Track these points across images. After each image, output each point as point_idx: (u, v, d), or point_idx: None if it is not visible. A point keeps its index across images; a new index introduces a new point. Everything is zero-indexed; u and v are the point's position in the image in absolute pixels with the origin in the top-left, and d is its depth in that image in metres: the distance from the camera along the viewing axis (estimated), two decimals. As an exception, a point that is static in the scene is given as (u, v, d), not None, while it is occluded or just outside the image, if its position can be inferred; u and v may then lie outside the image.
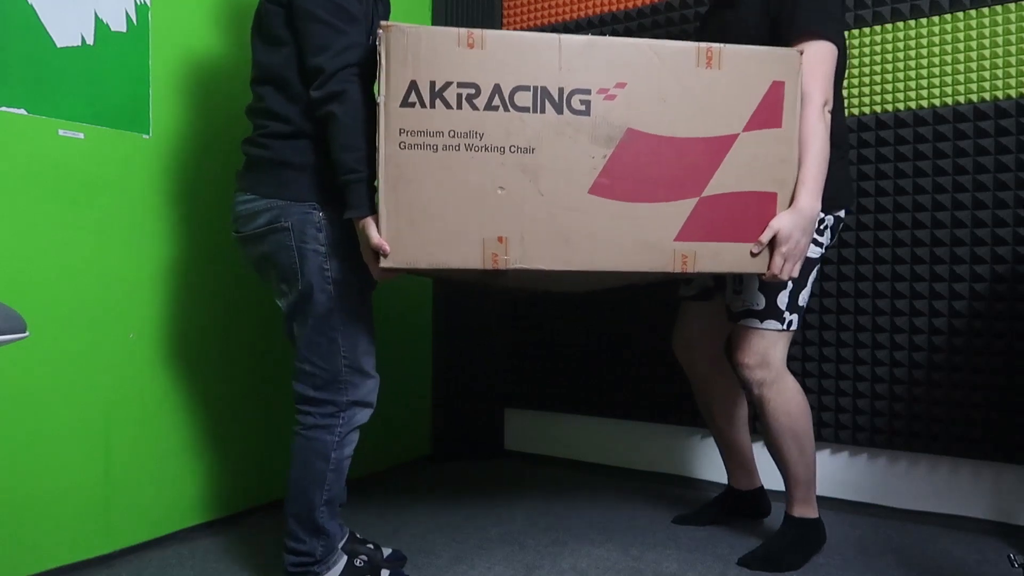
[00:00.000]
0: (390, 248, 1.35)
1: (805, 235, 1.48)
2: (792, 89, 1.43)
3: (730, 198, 1.43)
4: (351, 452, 1.59)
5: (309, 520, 1.54)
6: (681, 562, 1.83)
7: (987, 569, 1.78)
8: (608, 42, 1.39)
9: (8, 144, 1.59)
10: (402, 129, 1.33)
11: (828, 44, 1.59)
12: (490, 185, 1.36)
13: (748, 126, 1.42)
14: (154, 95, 1.86)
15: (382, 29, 1.32)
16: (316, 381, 1.53)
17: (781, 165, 1.45)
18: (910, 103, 2.12)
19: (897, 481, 2.19)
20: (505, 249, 1.37)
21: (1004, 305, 2.01)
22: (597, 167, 1.38)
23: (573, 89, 1.37)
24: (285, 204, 1.49)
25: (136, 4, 1.82)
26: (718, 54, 1.40)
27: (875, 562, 1.83)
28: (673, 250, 1.42)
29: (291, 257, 1.50)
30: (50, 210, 1.66)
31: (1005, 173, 2.00)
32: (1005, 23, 1.99)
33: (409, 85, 1.33)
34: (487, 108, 1.35)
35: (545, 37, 1.38)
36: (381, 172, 1.34)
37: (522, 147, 1.36)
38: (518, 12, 2.84)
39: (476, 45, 1.34)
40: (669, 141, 1.40)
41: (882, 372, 2.16)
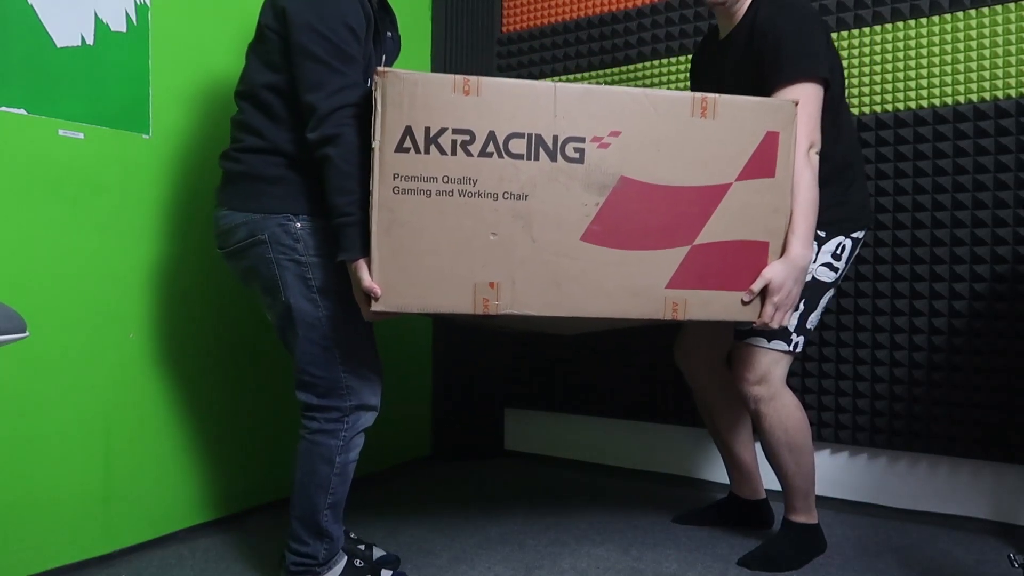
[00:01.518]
0: (381, 291, 1.35)
1: (797, 284, 1.49)
2: (786, 140, 1.44)
3: (722, 247, 1.44)
4: (356, 456, 1.59)
5: (313, 523, 1.55)
6: (681, 562, 1.83)
7: (987, 569, 1.78)
8: (604, 91, 1.40)
9: (8, 144, 1.59)
10: (396, 174, 1.34)
11: (811, 85, 1.60)
12: (483, 231, 1.36)
13: (742, 175, 1.43)
14: (154, 95, 1.86)
15: (378, 75, 1.33)
16: (318, 390, 1.53)
17: (774, 215, 1.46)
18: (910, 103, 2.12)
19: (897, 481, 2.19)
20: (496, 294, 1.37)
21: (1004, 305, 2.01)
22: (590, 214, 1.39)
23: (567, 137, 1.38)
24: (261, 217, 1.49)
25: (136, 4, 1.82)
26: (713, 104, 1.41)
27: (875, 562, 1.83)
28: (664, 297, 1.43)
29: (271, 269, 1.50)
30: (50, 210, 1.66)
31: (1005, 173, 2.00)
32: (1005, 23, 1.99)
33: (404, 131, 1.34)
34: (481, 155, 1.35)
35: (540, 85, 1.39)
36: (374, 216, 1.34)
37: (515, 194, 1.37)
38: (518, 12, 2.84)
39: (472, 92, 1.35)
40: (662, 189, 1.41)
41: (882, 372, 2.16)
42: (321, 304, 1.50)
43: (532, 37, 2.79)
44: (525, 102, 1.37)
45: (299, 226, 1.49)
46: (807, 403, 2.23)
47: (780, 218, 1.47)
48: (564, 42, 2.73)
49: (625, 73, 2.60)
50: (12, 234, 1.60)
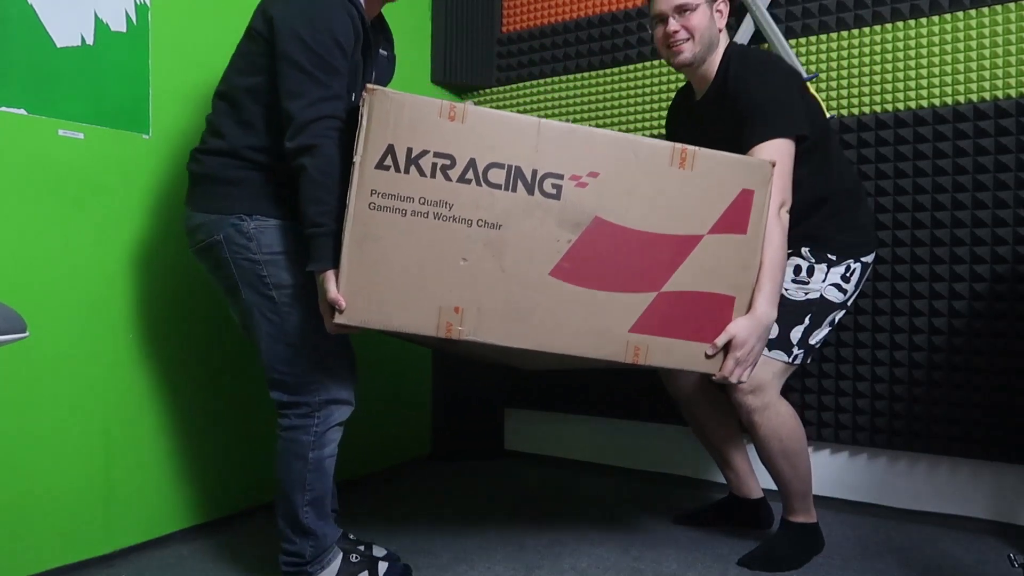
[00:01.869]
0: (346, 305, 1.35)
1: (760, 341, 1.51)
2: (760, 198, 1.46)
3: (688, 296, 1.45)
4: (333, 451, 1.59)
5: (295, 521, 1.55)
6: (681, 562, 1.83)
7: (987, 569, 1.78)
8: (587, 132, 1.41)
9: (8, 144, 1.59)
10: (374, 190, 1.34)
11: (783, 142, 1.62)
12: (454, 255, 1.37)
13: (714, 229, 1.45)
14: (154, 95, 1.86)
15: (367, 92, 1.33)
16: (287, 387, 1.54)
17: (742, 271, 1.47)
18: (910, 103, 2.12)
19: (897, 481, 2.19)
20: (460, 320, 1.38)
21: (1004, 305, 2.01)
22: (561, 250, 1.40)
23: (546, 172, 1.39)
24: (217, 218, 1.50)
25: (136, 4, 1.82)
26: (692, 156, 1.43)
27: (875, 562, 1.83)
28: (627, 341, 1.43)
29: (227, 269, 1.52)
30: (50, 210, 1.66)
31: (1005, 173, 2.00)
32: (1005, 23, 1.99)
33: (387, 149, 1.34)
34: (460, 180, 1.36)
35: (525, 119, 1.40)
36: (348, 229, 1.35)
37: (490, 222, 1.37)
38: (518, 12, 2.84)
39: (457, 119, 1.36)
40: (635, 234, 1.42)
41: (882, 372, 2.16)
42: (279, 301, 1.51)
43: (532, 37, 2.79)
44: (508, 133, 1.38)
45: (252, 225, 1.50)
46: (807, 403, 2.23)
47: (748, 274, 1.48)
48: (564, 42, 2.73)
49: (625, 73, 2.60)
50: (12, 234, 1.60)
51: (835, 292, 1.79)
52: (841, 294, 1.80)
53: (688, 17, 1.74)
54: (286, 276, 1.51)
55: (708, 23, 1.76)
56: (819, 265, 1.80)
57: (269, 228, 1.51)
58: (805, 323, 1.76)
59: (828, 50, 2.24)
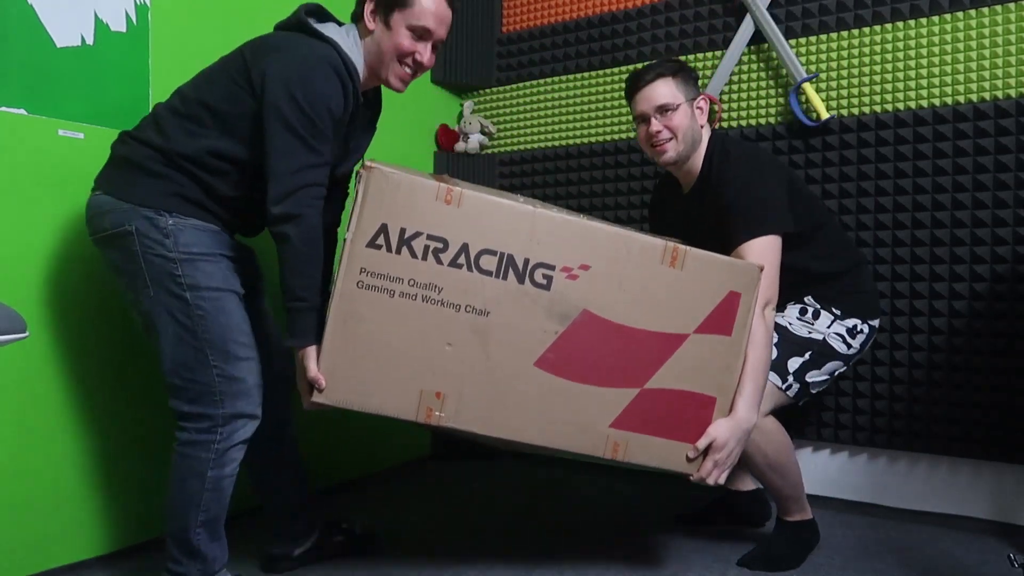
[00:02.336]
0: (325, 383, 1.34)
1: (740, 444, 1.51)
2: (747, 301, 1.47)
3: (671, 395, 1.45)
4: (234, 471, 1.48)
5: (184, 542, 1.45)
6: (681, 562, 1.83)
7: (987, 569, 1.78)
8: (581, 224, 1.41)
9: (8, 144, 1.59)
10: (363, 268, 1.34)
11: (769, 238, 1.63)
12: (439, 340, 1.36)
13: (700, 329, 1.45)
14: (154, 95, 1.86)
15: (365, 170, 1.33)
16: (188, 394, 1.43)
17: (725, 372, 1.48)
18: (910, 103, 2.12)
19: (897, 481, 2.19)
20: (441, 405, 1.37)
21: (1004, 305, 2.01)
22: (547, 341, 1.40)
23: (538, 262, 1.39)
24: (129, 207, 1.42)
25: (136, 4, 1.82)
26: (683, 255, 1.44)
27: (875, 562, 1.83)
28: (606, 436, 1.43)
29: (134, 263, 1.42)
30: (50, 210, 1.66)
31: (1005, 173, 2.00)
32: (1005, 23, 1.99)
33: (379, 228, 1.34)
34: (451, 264, 1.36)
35: (521, 207, 1.39)
36: (333, 306, 1.34)
37: (478, 308, 1.37)
38: (518, 12, 2.84)
39: (453, 202, 1.36)
40: (622, 329, 1.42)
41: (882, 372, 2.16)
42: (193, 303, 1.42)
43: (532, 37, 2.79)
44: (503, 221, 1.38)
45: (170, 222, 1.42)
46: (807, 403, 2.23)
47: (731, 376, 1.48)
48: (564, 42, 2.73)
49: (625, 73, 2.60)
50: (12, 234, 1.60)
51: (839, 342, 1.80)
52: (845, 347, 1.81)
53: (670, 117, 1.76)
54: (202, 278, 1.43)
55: (689, 121, 1.78)
56: (824, 312, 1.82)
57: (188, 227, 1.43)
58: (805, 357, 1.76)
59: (828, 50, 2.24)
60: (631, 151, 2.59)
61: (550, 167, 2.76)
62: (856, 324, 1.82)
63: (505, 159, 2.87)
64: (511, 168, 2.86)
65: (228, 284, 1.48)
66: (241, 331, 1.48)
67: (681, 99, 1.77)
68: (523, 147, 2.83)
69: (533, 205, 1.42)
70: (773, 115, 2.33)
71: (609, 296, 1.41)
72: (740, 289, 1.46)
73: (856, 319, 1.83)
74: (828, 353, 1.79)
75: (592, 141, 2.68)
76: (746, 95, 2.38)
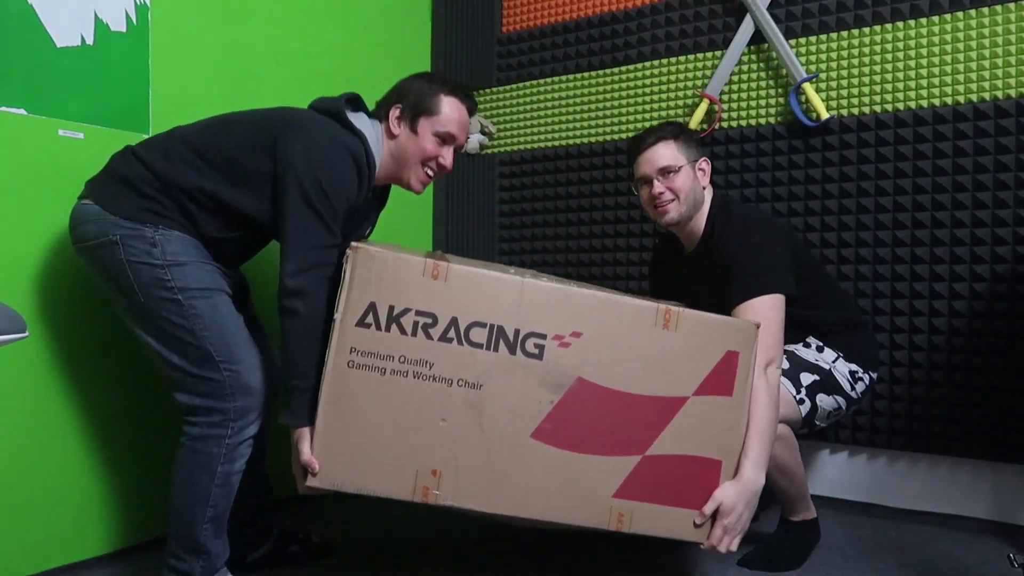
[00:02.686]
0: (319, 467, 1.33)
1: (748, 508, 1.45)
2: (746, 360, 1.43)
3: (674, 460, 1.41)
4: (242, 467, 1.49)
5: (190, 538, 1.45)
6: (682, 562, 1.83)
7: (987, 569, 1.78)
8: (570, 292, 1.39)
9: (8, 144, 1.59)
10: (353, 348, 1.33)
11: (770, 297, 1.62)
12: (432, 416, 1.34)
13: (699, 390, 1.41)
14: (154, 95, 1.86)
15: (351, 250, 1.33)
16: (200, 389, 1.44)
17: (728, 433, 1.43)
18: (910, 103, 2.12)
19: (897, 481, 2.19)
20: (437, 483, 1.35)
21: (1004, 305, 2.01)
22: (543, 412, 1.36)
23: (529, 332, 1.36)
24: (114, 219, 1.43)
25: (136, 4, 1.82)
26: (676, 317, 1.40)
27: (875, 562, 1.83)
28: (610, 507, 1.39)
29: (123, 271, 1.43)
30: (50, 210, 1.66)
31: (1005, 173, 2.00)
32: (1005, 23, 1.99)
33: (368, 306, 1.33)
34: (441, 339, 1.34)
35: (508, 278, 1.37)
36: (324, 387, 1.33)
37: (470, 382, 1.35)
38: (518, 12, 2.84)
39: (440, 277, 1.34)
40: (618, 395, 1.39)
41: (882, 372, 2.16)
42: (186, 303, 1.43)
43: (532, 37, 2.79)
44: (491, 293, 1.36)
45: (156, 234, 1.44)
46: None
47: (734, 437, 1.44)
48: (564, 42, 2.73)
49: (625, 73, 2.60)
50: (12, 234, 1.60)
51: (844, 380, 1.80)
52: (849, 385, 1.80)
53: (672, 179, 1.77)
54: (192, 280, 1.45)
55: (692, 183, 1.79)
56: (828, 349, 1.83)
57: (173, 238, 1.45)
58: (816, 376, 1.77)
59: (828, 50, 2.24)
60: (631, 151, 2.59)
61: (550, 167, 2.76)
62: (858, 371, 1.83)
63: (505, 159, 2.87)
64: (511, 168, 2.86)
65: (218, 284, 1.49)
66: (238, 328, 1.49)
67: (683, 161, 1.78)
68: (523, 147, 2.83)
69: (522, 275, 1.41)
70: (773, 115, 2.33)
71: (604, 362, 1.38)
72: (738, 347, 1.42)
73: (858, 366, 1.83)
74: (834, 384, 1.79)
75: (592, 141, 2.68)
76: (746, 95, 2.38)
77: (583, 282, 1.73)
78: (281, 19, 2.20)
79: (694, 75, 2.47)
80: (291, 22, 2.23)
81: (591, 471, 1.38)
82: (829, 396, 1.78)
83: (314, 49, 2.31)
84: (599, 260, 2.66)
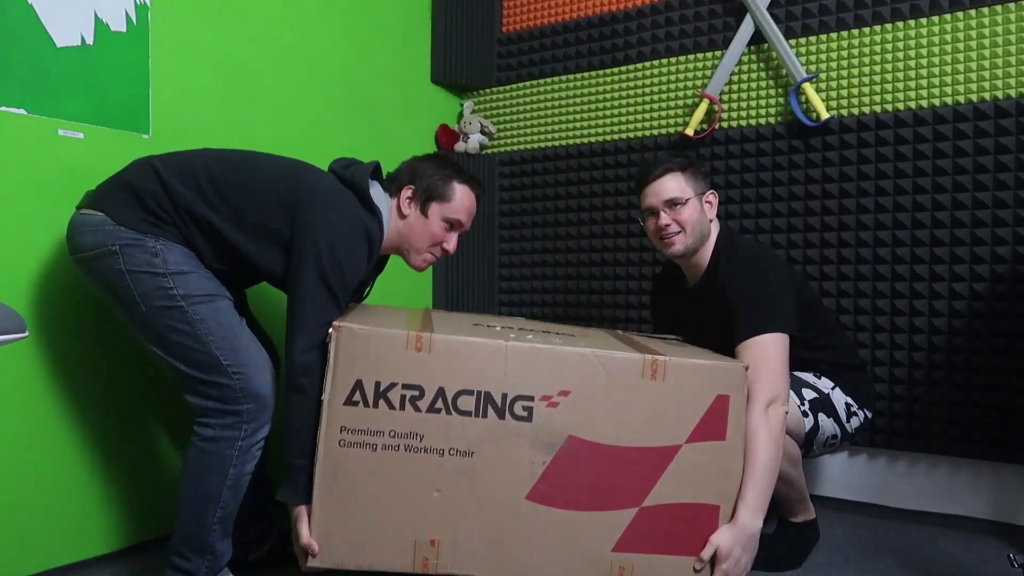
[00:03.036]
0: (319, 548, 1.33)
1: (747, 552, 1.43)
2: (738, 402, 1.42)
3: (671, 509, 1.40)
4: (252, 468, 1.49)
5: (198, 538, 1.45)
6: (681, 562, 1.83)
7: (987, 569, 1.78)
8: (554, 352, 1.39)
9: (8, 144, 1.59)
10: (343, 427, 1.34)
11: (774, 336, 1.60)
12: (427, 487, 1.35)
13: (691, 437, 1.41)
14: (154, 95, 1.86)
15: (334, 330, 1.33)
16: (212, 391, 1.44)
17: (725, 478, 1.42)
18: (910, 103, 2.12)
19: (897, 481, 2.19)
20: (436, 553, 1.36)
21: (1004, 305, 2.01)
22: (536, 473, 1.37)
23: (516, 395, 1.37)
24: (113, 228, 1.42)
25: (136, 4, 1.82)
26: (663, 366, 1.40)
27: (875, 562, 1.83)
28: (611, 561, 1.39)
29: (123, 281, 1.42)
30: (50, 210, 1.66)
31: (1005, 173, 2.00)
32: (1005, 23, 1.99)
33: (355, 384, 1.34)
34: (429, 410, 1.35)
35: (492, 344, 1.37)
36: (318, 468, 1.33)
37: (461, 450, 1.36)
38: (518, 12, 2.84)
39: (423, 349, 1.35)
40: (610, 449, 1.38)
41: (882, 372, 2.16)
42: (189, 310, 1.42)
43: (532, 37, 2.79)
44: (475, 360, 1.36)
45: (158, 244, 1.43)
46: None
47: (731, 481, 1.43)
48: (564, 42, 2.73)
49: (625, 73, 2.60)
50: (12, 234, 1.60)
51: (841, 409, 1.79)
52: (845, 415, 1.79)
53: (679, 211, 1.76)
54: (194, 288, 1.44)
55: (699, 216, 1.78)
56: (826, 378, 1.83)
57: (175, 248, 1.45)
58: (816, 395, 1.76)
59: (828, 50, 2.24)
60: (630, 151, 2.59)
61: (550, 167, 2.76)
62: (853, 405, 1.81)
63: (505, 159, 2.87)
64: (511, 168, 2.86)
65: (220, 291, 1.49)
66: (242, 331, 1.49)
67: (690, 193, 1.77)
68: (523, 147, 2.83)
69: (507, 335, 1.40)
70: (773, 115, 2.33)
71: (593, 418, 1.38)
72: (728, 391, 1.41)
73: (854, 400, 1.82)
74: (831, 408, 1.77)
75: (592, 141, 2.68)
76: (746, 95, 2.38)
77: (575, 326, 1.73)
78: (281, 19, 2.20)
79: (694, 75, 2.47)
80: (291, 22, 2.23)
81: (589, 527, 1.38)
82: (829, 419, 1.77)
83: (314, 49, 2.31)
84: (599, 260, 2.66)
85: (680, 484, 1.40)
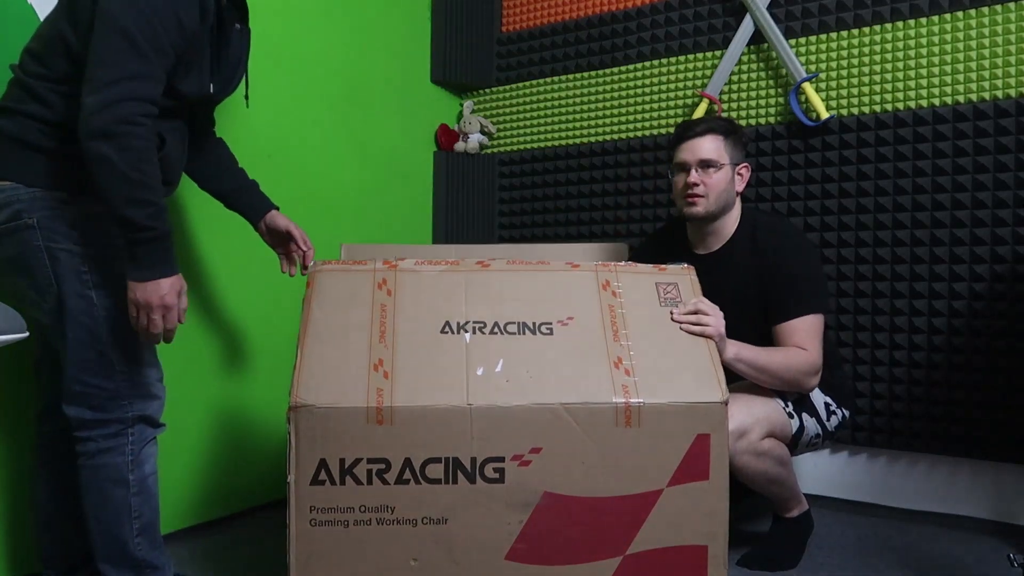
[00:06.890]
0: None
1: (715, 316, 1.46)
2: (719, 441, 1.37)
3: (657, 554, 1.37)
4: (153, 468, 1.41)
5: (124, 558, 1.38)
6: (681, 562, 1.83)
7: (987, 569, 1.78)
8: (521, 410, 1.34)
9: (8, 144, 1.58)
10: (312, 507, 1.32)
11: (815, 317, 1.69)
12: (403, 558, 1.33)
13: (673, 481, 1.36)
14: (154, 95, 1.86)
15: (291, 410, 1.30)
16: (92, 401, 1.34)
17: (710, 518, 1.38)
18: (910, 103, 2.12)
19: (897, 481, 2.19)
20: None
21: (1004, 305, 2.01)
22: (513, 533, 1.34)
23: (486, 458, 1.33)
24: (28, 194, 1.27)
25: (136, 4, 1.81)
26: (637, 412, 1.35)
27: (875, 562, 1.83)
28: None
29: (40, 259, 1.29)
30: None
31: (1005, 173, 2.00)
32: (1005, 23, 1.99)
33: (319, 463, 1.31)
34: (398, 482, 1.32)
35: (455, 409, 1.33)
36: (292, 549, 1.32)
37: (435, 518, 1.33)
38: (518, 12, 2.84)
39: (385, 421, 1.32)
40: (589, 501, 1.35)
41: (882, 372, 2.16)
42: (97, 303, 1.32)
43: (532, 37, 2.79)
44: (439, 426, 1.33)
45: (76, 210, 1.29)
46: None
47: (717, 521, 1.39)
48: (564, 42, 2.73)
49: (625, 73, 2.60)
50: None
51: (821, 408, 1.79)
52: (825, 415, 1.79)
53: (710, 173, 1.75)
54: (108, 275, 1.33)
55: (727, 184, 1.77)
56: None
57: (92, 216, 1.30)
58: (799, 394, 1.75)
59: (828, 50, 2.24)
60: (630, 151, 2.59)
61: (550, 167, 2.76)
62: (831, 404, 1.81)
63: (505, 159, 2.87)
64: (511, 168, 2.86)
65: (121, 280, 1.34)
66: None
67: (726, 160, 1.76)
68: (523, 147, 2.83)
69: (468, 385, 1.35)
70: (773, 115, 2.33)
71: (568, 473, 1.34)
72: (708, 430, 1.36)
73: (832, 400, 1.82)
74: (811, 408, 1.77)
75: (592, 141, 2.68)
76: (746, 95, 2.38)
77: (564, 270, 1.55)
78: (280, 19, 2.20)
79: (694, 75, 2.47)
80: (290, 22, 2.23)
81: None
82: (812, 418, 1.77)
83: (314, 49, 2.31)
84: (599, 260, 2.66)
85: (664, 528, 1.37)
